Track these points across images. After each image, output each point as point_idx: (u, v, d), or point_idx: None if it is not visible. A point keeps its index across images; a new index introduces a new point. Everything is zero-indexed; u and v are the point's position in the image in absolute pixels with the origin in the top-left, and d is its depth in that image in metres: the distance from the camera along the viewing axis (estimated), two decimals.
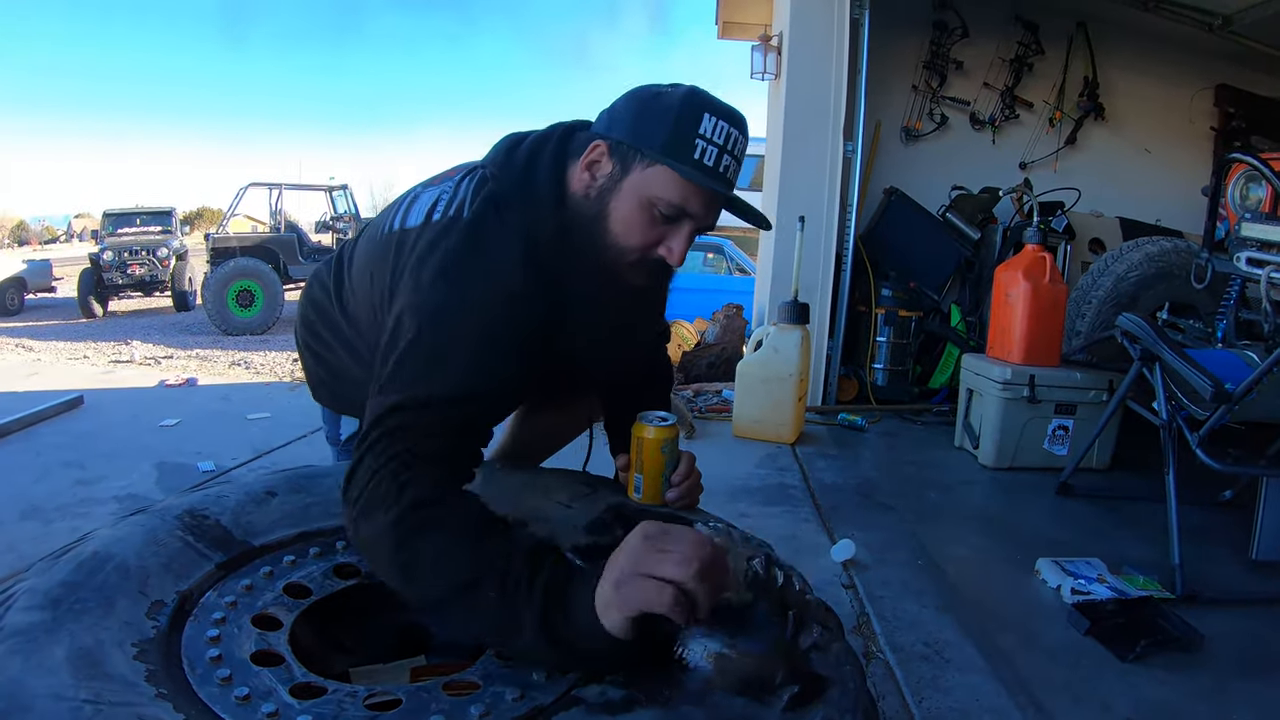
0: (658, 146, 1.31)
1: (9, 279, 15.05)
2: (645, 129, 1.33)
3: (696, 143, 1.30)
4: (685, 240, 1.37)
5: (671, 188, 1.32)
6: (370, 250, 1.59)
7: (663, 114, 1.32)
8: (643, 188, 1.33)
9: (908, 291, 5.40)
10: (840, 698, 0.99)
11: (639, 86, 1.40)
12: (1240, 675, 2.25)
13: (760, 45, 5.42)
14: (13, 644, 0.94)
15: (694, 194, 1.33)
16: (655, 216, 1.34)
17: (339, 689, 1.01)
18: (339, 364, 1.74)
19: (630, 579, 1.00)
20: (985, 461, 4.07)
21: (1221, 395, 2.77)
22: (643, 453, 1.48)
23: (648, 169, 1.32)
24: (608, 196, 1.36)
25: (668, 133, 1.31)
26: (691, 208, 1.34)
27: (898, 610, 2.51)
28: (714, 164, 1.32)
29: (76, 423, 4.50)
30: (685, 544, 1.03)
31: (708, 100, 1.34)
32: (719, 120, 1.32)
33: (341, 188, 14.94)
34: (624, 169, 1.35)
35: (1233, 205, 3.65)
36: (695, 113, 1.31)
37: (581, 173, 1.39)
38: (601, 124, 1.41)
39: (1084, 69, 6.00)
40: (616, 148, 1.35)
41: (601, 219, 1.36)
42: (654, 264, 1.40)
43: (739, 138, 1.35)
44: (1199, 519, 3.20)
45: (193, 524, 1.29)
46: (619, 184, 1.35)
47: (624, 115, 1.37)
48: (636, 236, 1.36)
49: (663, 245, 1.38)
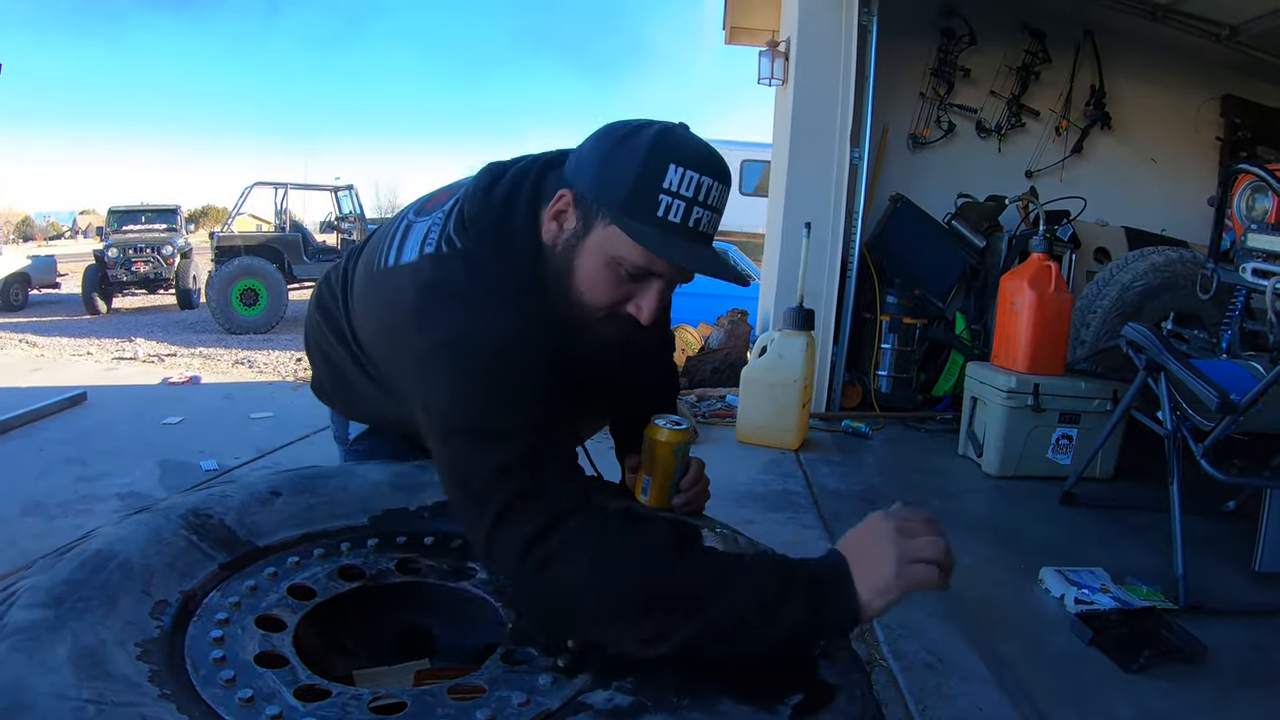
0: (617, 205, 1.22)
1: (13, 274, 15.07)
2: (607, 181, 1.24)
3: (660, 199, 1.20)
4: (655, 297, 1.29)
5: (635, 250, 1.23)
6: (367, 281, 1.53)
7: (625, 165, 1.22)
8: (605, 247, 1.25)
9: (913, 299, 5.40)
10: (847, 706, 0.98)
11: (609, 125, 1.30)
12: (1243, 686, 2.25)
13: (768, 51, 5.43)
14: (15, 641, 0.94)
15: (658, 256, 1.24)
16: (621, 275, 1.27)
17: (343, 692, 1.00)
18: (348, 373, 1.72)
19: (906, 567, 1.07)
20: (989, 470, 4.07)
21: (1227, 406, 2.77)
22: (654, 455, 1.47)
23: (608, 227, 1.24)
24: (572, 253, 1.29)
25: (629, 188, 1.21)
26: (657, 268, 1.26)
27: (901, 618, 2.50)
28: (681, 219, 1.22)
29: (79, 419, 4.51)
30: (926, 525, 1.12)
31: (676, 145, 1.23)
32: (687, 171, 1.21)
33: (347, 188, 14.97)
34: (586, 226, 1.27)
35: (1238, 216, 3.64)
36: (660, 164, 1.20)
37: (549, 222, 1.31)
38: (571, 166, 1.32)
39: (1091, 78, 6.01)
40: (580, 200, 1.27)
41: (568, 275, 1.29)
42: (625, 320, 1.32)
43: (713, 186, 1.23)
44: (1203, 529, 3.19)
45: (197, 523, 1.28)
46: (582, 240, 1.27)
47: (589, 161, 1.28)
48: (603, 295, 1.29)
49: (631, 303, 1.30)
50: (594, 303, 1.30)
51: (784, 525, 3.21)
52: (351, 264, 1.67)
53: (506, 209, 1.35)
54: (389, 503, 1.48)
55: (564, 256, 1.29)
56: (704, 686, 1.00)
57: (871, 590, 1.06)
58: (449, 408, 1.20)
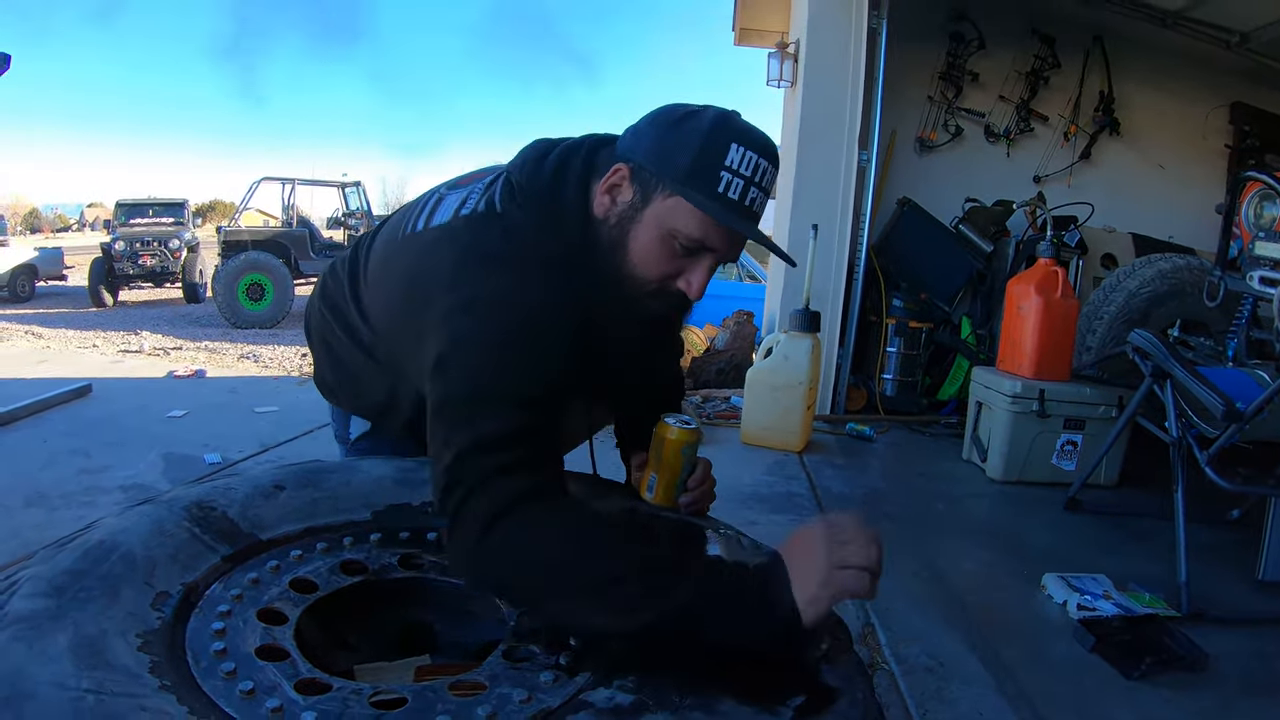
0: (680, 177, 1.24)
1: (21, 266, 15.16)
2: (668, 155, 1.26)
3: (722, 175, 1.23)
4: (705, 273, 1.31)
5: (693, 222, 1.26)
6: (390, 251, 1.55)
7: (687, 141, 1.25)
8: (663, 219, 1.27)
9: (919, 302, 5.39)
10: (848, 709, 0.98)
11: (665, 106, 1.33)
12: (1245, 695, 2.24)
13: (777, 52, 5.42)
14: (16, 631, 0.94)
15: (715, 229, 1.27)
16: (675, 249, 1.28)
17: (344, 686, 1.00)
18: (353, 364, 1.72)
19: (833, 573, 1.07)
20: (993, 475, 4.06)
21: (1233, 414, 2.76)
22: (663, 453, 1.47)
23: (668, 199, 1.26)
24: (628, 225, 1.30)
25: (691, 162, 1.24)
26: (712, 242, 1.28)
27: (903, 622, 2.50)
28: (739, 198, 1.24)
29: (84, 411, 4.51)
30: (858, 532, 1.11)
31: (737, 128, 1.26)
32: (748, 151, 1.24)
33: (355, 184, 15.01)
34: (645, 197, 1.29)
35: (1246, 224, 3.63)
36: (723, 142, 1.24)
37: (602, 195, 1.33)
38: (625, 143, 1.34)
39: (1100, 83, 6.00)
40: (638, 173, 1.29)
41: (621, 247, 1.31)
42: (673, 295, 1.34)
43: (768, 169, 1.27)
44: (1206, 537, 3.18)
45: (200, 516, 1.28)
46: (640, 213, 1.29)
47: (647, 137, 1.30)
48: (655, 268, 1.31)
49: (682, 278, 1.32)
50: (646, 275, 1.31)
51: (787, 527, 3.19)
52: (364, 248, 1.69)
53: (557, 181, 1.37)
54: (392, 498, 1.48)
55: (618, 229, 1.31)
56: (706, 686, 1.00)
57: (801, 600, 1.06)
58: (460, 365, 1.22)
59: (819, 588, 1.06)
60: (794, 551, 1.11)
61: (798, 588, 1.06)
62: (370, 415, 1.81)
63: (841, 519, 1.13)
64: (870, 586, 1.08)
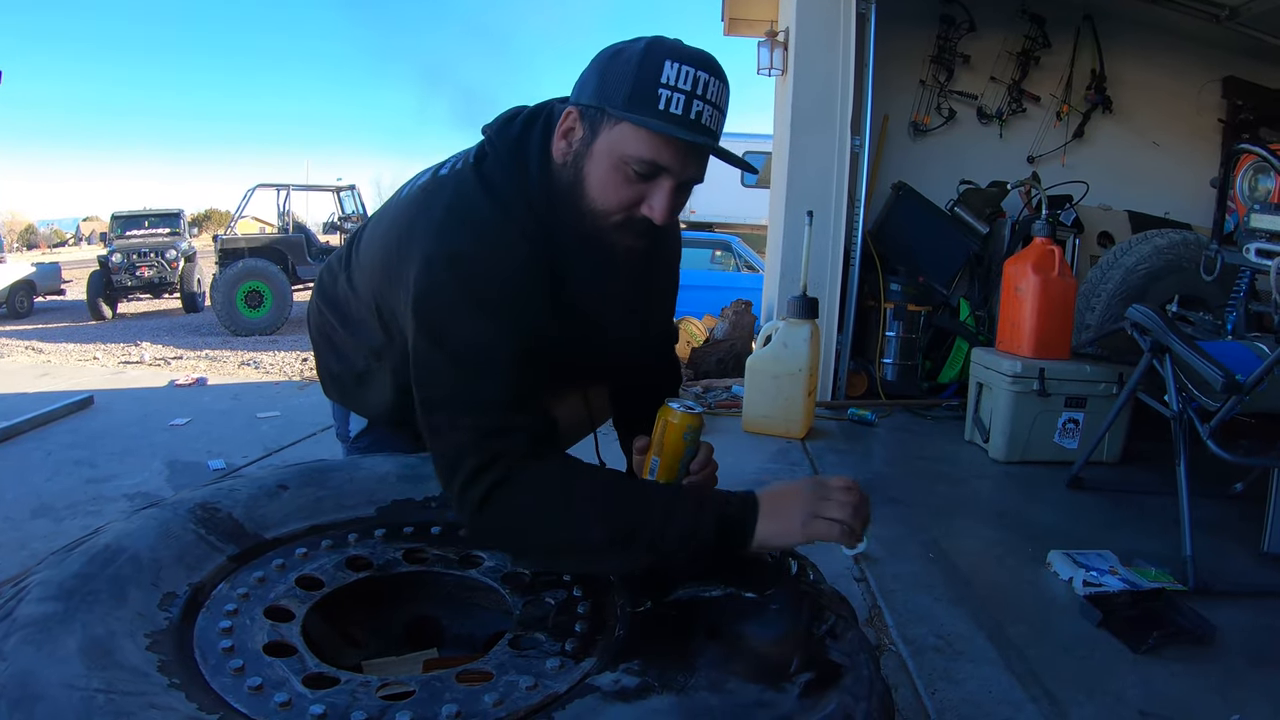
0: (620, 103, 1.28)
1: (18, 282, 15.13)
2: (608, 88, 1.30)
3: (660, 92, 1.26)
4: (667, 195, 1.33)
5: (639, 143, 1.29)
6: (379, 221, 1.62)
7: (624, 69, 1.29)
8: (612, 147, 1.31)
9: (916, 286, 5.39)
10: (854, 684, 0.98)
11: (604, 48, 1.37)
12: (1253, 667, 2.24)
13: (767, 41, 5.41)
14: (26, 634, 0.94)
15: (663, 146, 1.29)
16: (630, 175, 1.31)
17: (351, 679, 1.00)
18: (353, 353, 1.75)
19: (811, 520, 1.22)
20: (995, 455, 4.06)
21: (1232, 386, 2.76)
22: (665, 436, 1.46)
23: (614, 127, 1.30)
24: (582, 161, 1.35)
25: (629, 87, 1.27)
26: (664, 161, 1.30)
27: (910, 603, 2.50)
28: (683, 111, 1.27)
29: (87, 422, 4.52)
30: (843, 490, 1.26)
31: (669, 47, 1.29)
32: (683, 66, 1.27)
33: (349, 188, 14.99)
34: (593, 132, 1.33)
35: (1241, 197, 3.63)
36: (656, 62, 1.27)
37: (559, 141, 1.38)
38: (575, 91, 1.39)
39: (1091, 62, 5.99)
40: (585, 112, 1.34)
41: (579, 184, 1.35)
42: (640, 224, 1.37)
43: (710, 80, 1.29)
44: (1210, 511, 3.18)
45: (205, 517, 1.29)
46: (590, 147, 1.34)
47: (590, 78, 1.35)
48: (614, 197, 1.34)
49: (644, 204, 1.34)
50: (605, 207, 1.35)
51: None
52: (358, 235, 1.74)
53: (523, 137, 1.44)
54: (396, 494, 1.49)
55: (574, 167, 1.36)
56: (711, 667, 1.00)
57: (774, 532, 1.23)
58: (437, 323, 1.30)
59: (796, 527, 1.22)
60: (777, 495, 1.26)
61: (772, 522, 1.23)
62: (372, 408, 1.82)
63: (831, 479, 1.28)
64: (839, 535, 1.23)
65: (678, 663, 1.01)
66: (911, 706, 1.98)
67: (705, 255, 10.51)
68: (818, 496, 1.24)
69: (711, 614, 1.15)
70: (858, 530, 1.25)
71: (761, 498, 1.24)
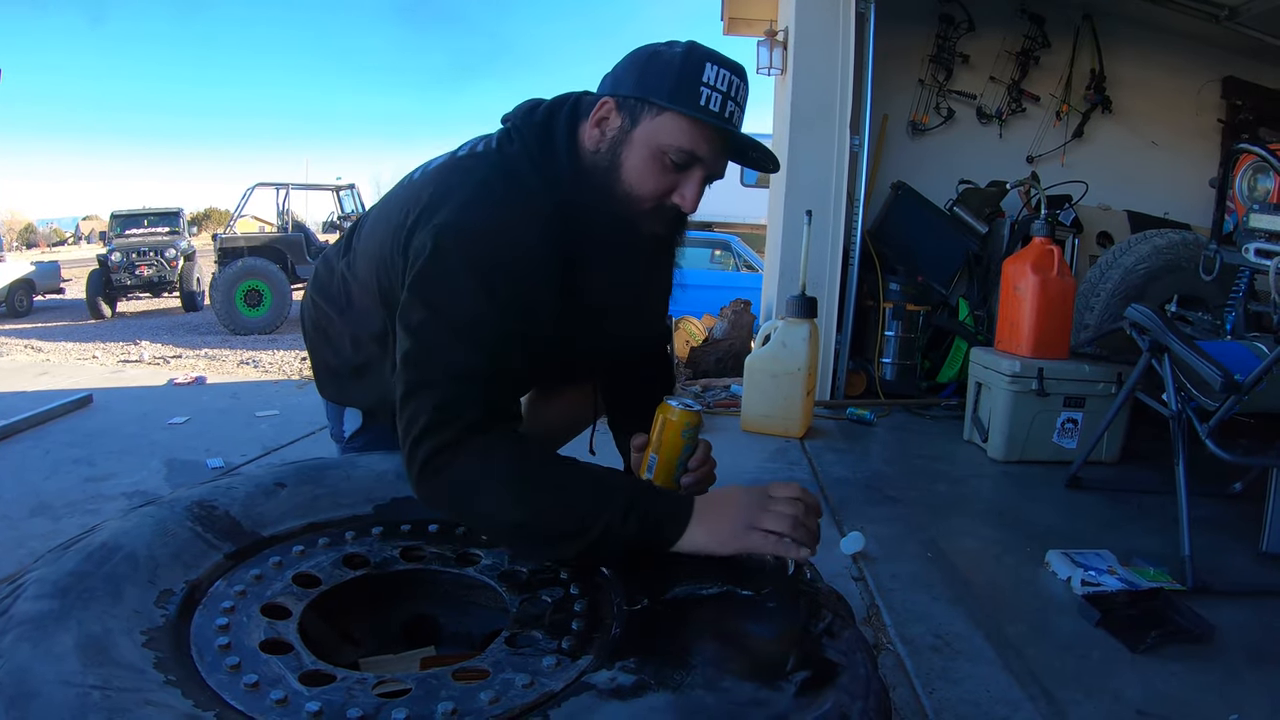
0: (664, 95, 1.36)
1: (18, 281, 15.13)
2: (650, 82, 1.38)
3: (701, 90, 1.35)
4: (697, 186, 1.42)
5: (680, 134, 1.37)
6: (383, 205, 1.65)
7: (666, 67, 1.37)
8: (653, 136, 1.39)
9: (915, 286, 5.39)
10: (851, 683, 0.98)
11: (638, 48, 1.45)
12: (1252, 666, 2.24)
13: (766, 40, 5.41)
14: (21, 631, 0.94)
15: (703, 138, 1.38)
16: (666, 164, 1.39)
17: (348, 676, 1.00)
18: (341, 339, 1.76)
19: (746, 531, 1.23)
20: (994, 455, 4.06)
21: (1231, 385, 2.76)
22: (663, 434, 1.47)
23: (656, 117, 1.38)
24: (619, 148, 1.42)
25: (673, 82, 1.36)
26: (701, 152, 1.39)
27: (907, 602, 2.50)
28: (720, 109, 1.37)
29: (86, 421, 4.51)
30: (787, 502, 1.26)
31: (708, 52, 1.38)
32: (721, 69, 1.36)
33: (349, 187, 15.00)
34: (633, 120, 1.40)
35: (1240, 197, 3.63)
36: (698, 63, 1.36)
37: (592, 129, 1.45)
38: (606, 85, 1.47)
39: (1090, 62, 5.99)
40: (624, 103, 1.41)
41: (614, 170, 1.42)
42: (669, 212, 1.45)
43: (741, 85, 1.40)
44: (1209, 511, 3.19)
45: (202, 515, 1.29)
46: (629, 135, 1.41)
47: (628, 73, 1.43)
48: (649, 185, 1.41)
49: (676, 193, 1.42)
50: (640, 193, 1.42)
51: None
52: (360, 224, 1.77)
53: (548, 124, 1.51)
54: (393, 491, 1.49)
55: (609, 154, 1.43)
56: (707, 665, 1.00)
57: (705, 540, 1.24)
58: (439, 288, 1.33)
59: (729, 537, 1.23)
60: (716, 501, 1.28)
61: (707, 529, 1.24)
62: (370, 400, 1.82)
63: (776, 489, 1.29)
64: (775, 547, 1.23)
65: (674, 661, 1.01)
66: (909, 706, 1.98)
67: (704, 254, 10.52)
68: (758, 507, 1.25)
69: (708, 612, 1.15)
70: (802, 541, 1.24)
71: (699, 502, 1.26)
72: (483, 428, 1.28)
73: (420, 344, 1.31)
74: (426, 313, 1.31)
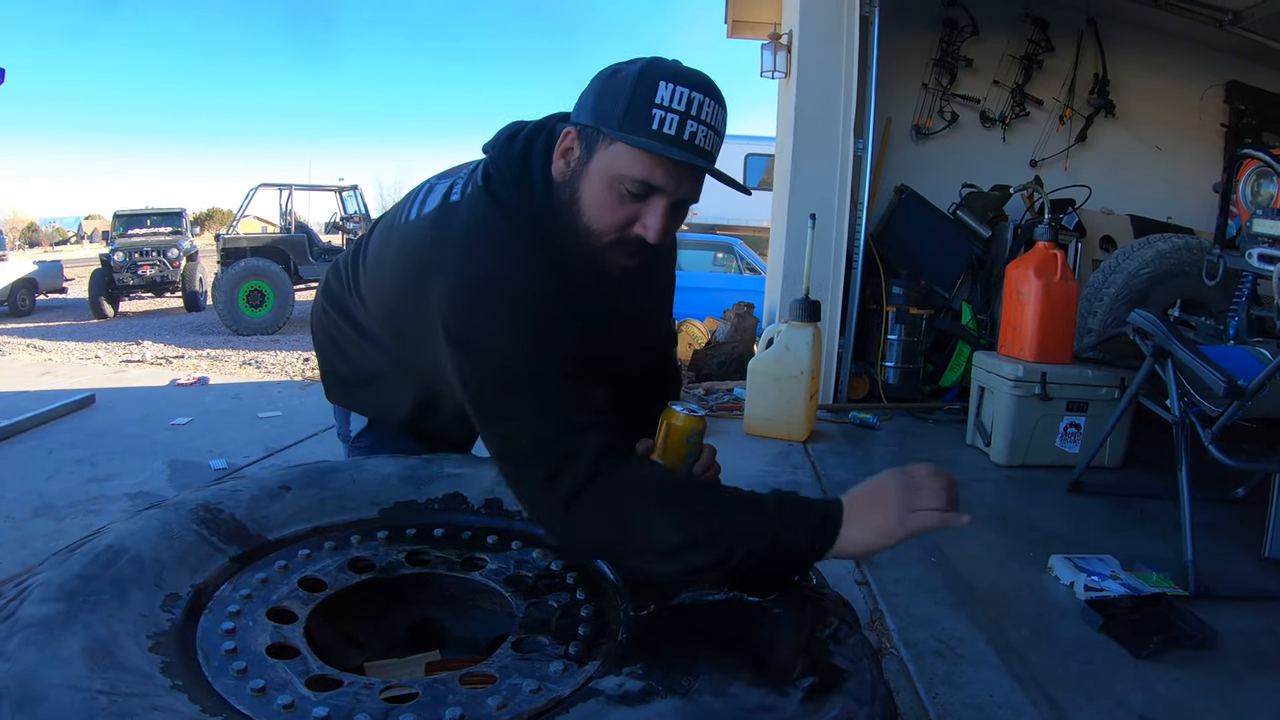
0: (615, 123, 1.28)
1: (20, 280, 15.12)
2: (604, 108, 1.30)
3: (654, 113, 1.25)
4: (661, 215, 1.32)
5: (632, 163, 1.28)
6: (386, 241, 1.60)
7: (619, 89, 1.28)
8: (607, 167, 1.30)
9: (919, 289, 5.39)
10: (857, 689, 0.98)
11: (604, 68, 1.36)
12: (1254, 671, 2.24)
13: (770, 44, 5.42)
14: (28, 635, 0.94)
15: (656, 166, 1.28)
16: (623, 194, 1.31)
17: (355, 681, 1.00)
18: (362, 358, 1.75)
19: (909, 515, 1.19)
20: (997, 459, 4.06)
21: (1234, 391, 2.76)
22: (668, 440, 1.46)
23: (609, 147, 1.30)
24: (578, 180, 1.34)
25: (624, 107, 1.27)
26: (657, 180, 1.29)
27: (911, 607, 2.50)
28: (676, 131, 1.26)
29: (88, 421, 4.52)
30: (931, 478, 1.22)
31: (664, 68, 1.29)
32: (677, 87, 1.26)
33: (351, 188, 14.99)
34: (589, 151, 1.33)
35: (1244, 202, 3.63)
36: (649, 83, 1.26)
37: (558, 160, 1.38)
38: (574, 110, 1.39)
39: (1094, 66, 5.99)
40: (583, 131, 1.33)
41: (575, 203, 1.35)
42: (633, 243, 1.36)
43: (704, 101, 1.28)
44: (1212, 516, 3.19)
45: (207, 518, 1.29)
46: (586, 166, 1.33)
47: (588, 98, 1.35)
48: (608, 217, 1.33)
49: (638, 223, 1.33)
50: (600, 226, 1.34)
51: None
52: (364, 242, 1.73)
53: (526, 158, 1.43)
54: (399, 495, 1.48)
55: (570, 186, 1.35)
56: (715, 671, 1.00)
57: (875, 533, 1.19)
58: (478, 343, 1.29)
59: (895, 525, 1.18)
60: (867, 495, 1.22)
61: (868, 525, 1.19)
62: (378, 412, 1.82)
63: (919, 469, 1.23)
64: (940, 523, 1.20)
65: (681, 666, 1.01)
66: (913, 710, 1.99)
67: (708, 257, 10.50)
68: (910, 489, 1.21)
69: (714, 618, 1.15)
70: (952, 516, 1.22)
71: (848, 502, 1.22)
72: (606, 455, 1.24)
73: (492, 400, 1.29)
74: (481, 372, 1.29)
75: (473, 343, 1.29)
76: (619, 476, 1.24)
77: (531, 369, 1.27)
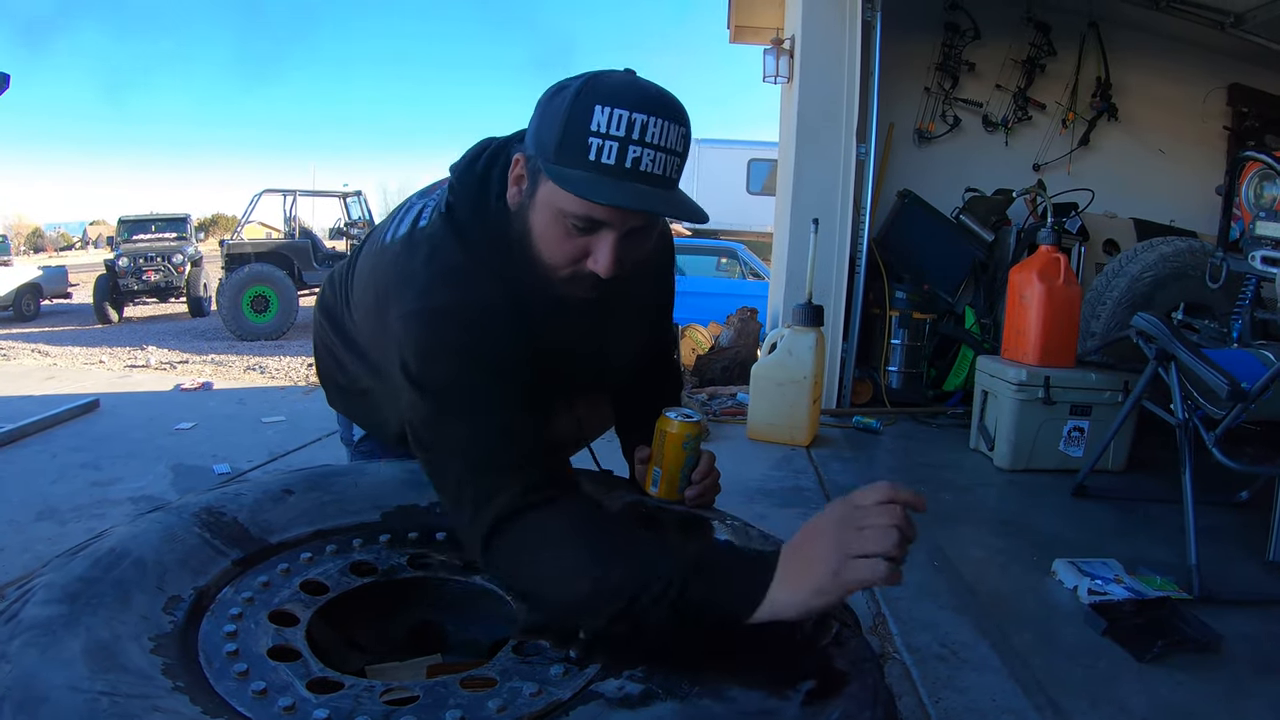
0: (550, 155, 1.19)
1: (25, 285, 15.19)
2: (542, 136, 1.21)
3: (590, 141, 1.15)
4: (610, 249, 1.23)
5: (570, 199, 1.19)
6: (367, 262, 1.57)
7: (554, 116, 1.19)
8: (550, 201, 1.22)
9: (922, 294, 5.38)
10: (858, 692, 0.98)
11: (550, 85, 1.26)
12: (1258, 676, 2.23)
13: (772, 49, 5.43)
14: (30, 636, 0.95)
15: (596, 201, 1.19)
16: (569, 229, 1.22)
17: (356, 684, 1.01)
18: (351, 369, 1.74)
19: (846, 564, 1.01)
20: (1000, 463, 4.06)
21: (1238, 394, 2.76)
22: (664, 447, 1.46)
23: (548, 181, 1.20)
24: (527, 213, 1.27)
25: (558, 137, 1.18)
26: (599, 215, 1.20)
27: (914, 611, 2.50)
28: (616, 160, 1.16)
29: (92, 426, 4.53)
30: (878, 514, 1.03)
31: (602, 88, 1.18)
32: (615, 109, 1.15)
33: (356, 194, 15.00)
34: (534, 183, 1.25)
35: (1247, 204, 3.62)
36: (585, 108, 1.16)
37: (511, 187, 1.30)
38: (527, 131, 1.30)
39: (1096, 69, 5.99)
40: (529, 160, 1.25)
41: (528, 235, 1.27)
42: (588, 278, 1.27)
43: (649, 121, 1.16)
44: (1215, 520, 3.18)
45: (210, 521, 1.29)
46: (532, 199, 1.25)
47: (533, 122, 1.26)
48: (558, 251, 1.25)
49: (589, 258, 1.25)
50: (553, 261, 1.27)
51: (796, 520, 3.19)
52: (356, 256, 1.70)
53: (484, 184, 1.37)
54: (400, 499, 1.49)
55: (520, 218, 1.28)
56: (715, 674, 1.00)
57: (809, 592, 1.03)
58: (425, 377, 1.24)
59: (828, 579, 1.01)
60: (802, 543, 1.07)
61: (801, 581, 1.03)
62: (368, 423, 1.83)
63: (863, 498, 1.06)
64: (887, 573, 1.00)
65: (681, 670, 1.01)
66: (915, 715, 1.98)
67: (711, 262, 10.52)
68: (850, 526, 1.04)
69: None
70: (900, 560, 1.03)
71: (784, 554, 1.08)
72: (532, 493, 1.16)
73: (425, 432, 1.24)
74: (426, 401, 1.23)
75: (417, 373, 1.24)
76: (540, 517, 1.15)
77: (467, 403, 1.21)
